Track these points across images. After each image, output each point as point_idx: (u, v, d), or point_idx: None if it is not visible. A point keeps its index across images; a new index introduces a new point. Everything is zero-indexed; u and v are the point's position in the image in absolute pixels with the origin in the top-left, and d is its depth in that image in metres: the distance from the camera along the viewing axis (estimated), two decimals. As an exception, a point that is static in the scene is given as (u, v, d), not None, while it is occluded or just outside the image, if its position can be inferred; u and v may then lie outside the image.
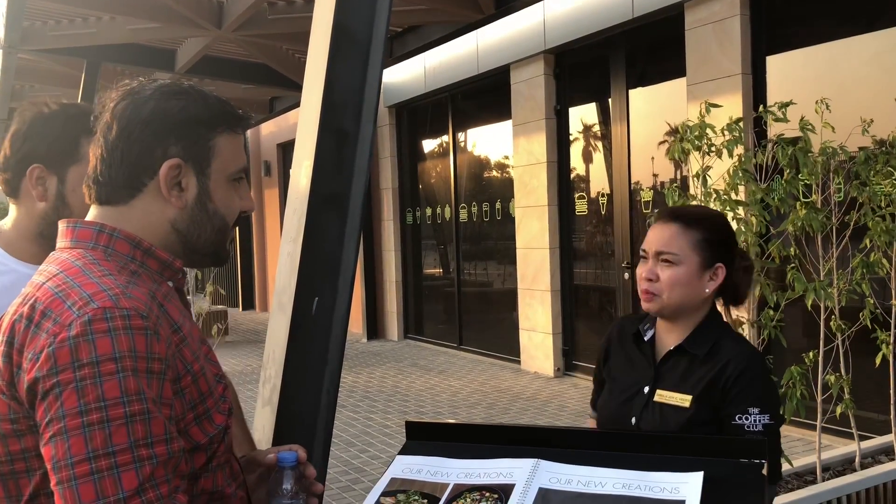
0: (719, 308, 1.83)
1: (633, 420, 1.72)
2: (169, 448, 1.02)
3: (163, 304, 1.13)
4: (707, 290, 1.71)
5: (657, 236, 1.71)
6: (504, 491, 1.30)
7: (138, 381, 1.01)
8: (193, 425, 1.11)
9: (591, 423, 1.98)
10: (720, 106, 3.42)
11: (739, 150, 3.23)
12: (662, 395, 1.69)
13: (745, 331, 3.26)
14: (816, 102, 3.50)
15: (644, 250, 1.73)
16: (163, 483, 1.01)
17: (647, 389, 1.73)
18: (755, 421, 1.61)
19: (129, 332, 1.02)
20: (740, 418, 1.61)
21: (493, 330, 9.47)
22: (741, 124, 3.23)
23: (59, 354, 1.00)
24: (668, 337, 1.76)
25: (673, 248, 1.68)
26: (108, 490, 0.97)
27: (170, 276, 1.20)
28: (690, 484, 1.24)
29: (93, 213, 1.20)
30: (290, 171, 2.17)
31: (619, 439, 1.47)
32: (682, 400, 1.66)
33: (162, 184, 1.16)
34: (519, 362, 8.60)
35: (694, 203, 3.28)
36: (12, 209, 1.62)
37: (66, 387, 0.99)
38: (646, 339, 1.79)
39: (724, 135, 3.21)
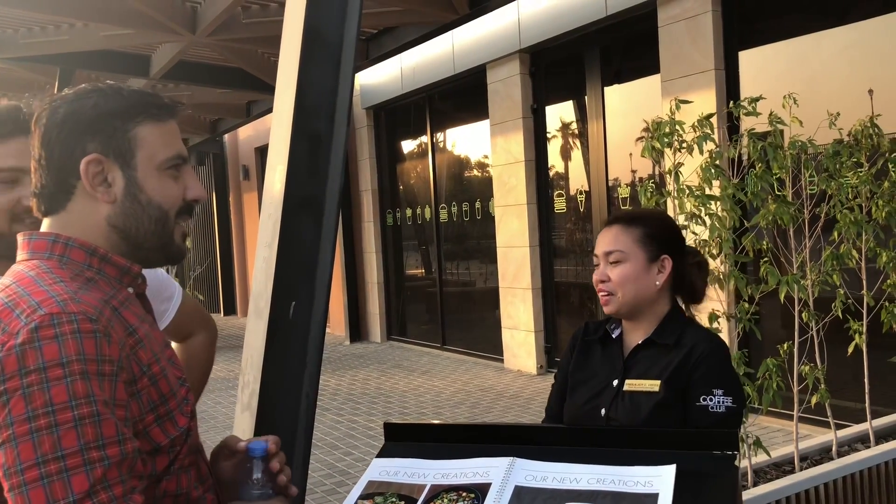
0: (683, 307, 1.89)
1: (603, 411, 1.77)
2: (122, 449, 1.03)
3: (117, 309, 1.13)
4: (657, 283, 1.79)
5: (602, 240, 1.83)
6: (481, 490, 1.31)
7: (87, 384, 1.01)
8: (154, 426, 1.12)
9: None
10: (690, 102, 3.45)
11: (710, 145, 3.26)
12: (632, 384, 1.76)
13: (722, 324, 3.29)
14: (784, 97, 3.54)
15: (595, 256, 1.83)
16: (116, 484, 1.01)
17: (615, 382, 1.79)
18: (719, 402, 1.67)
19: (77, 336, 1.03)
20: (704, 399, 1.68)
21: (476, 329, 9.49)
22: (712, 120, 3.27)
23: (7, 363, 1.01)
24: (635, 334, 1.84)
25: (618, 245, 1.79)
26: (58, 494, 0.97)
27: (129, 282, 1.21)
28: (663, 477, 1.26)
29: (44, 226, 1.21)
30: (265, 175, 2.17)
31: (593, 435, 1.50)
32: (652, 385, 1.73)
33: (84, 181, 1.16)
34: (502, 361, 8.62)
35: (668, 199, 3.32)
36: None
37: (13, 394, 1.00)
38: (613, 336, 1.87)
39: (694, 131, 3.24)
